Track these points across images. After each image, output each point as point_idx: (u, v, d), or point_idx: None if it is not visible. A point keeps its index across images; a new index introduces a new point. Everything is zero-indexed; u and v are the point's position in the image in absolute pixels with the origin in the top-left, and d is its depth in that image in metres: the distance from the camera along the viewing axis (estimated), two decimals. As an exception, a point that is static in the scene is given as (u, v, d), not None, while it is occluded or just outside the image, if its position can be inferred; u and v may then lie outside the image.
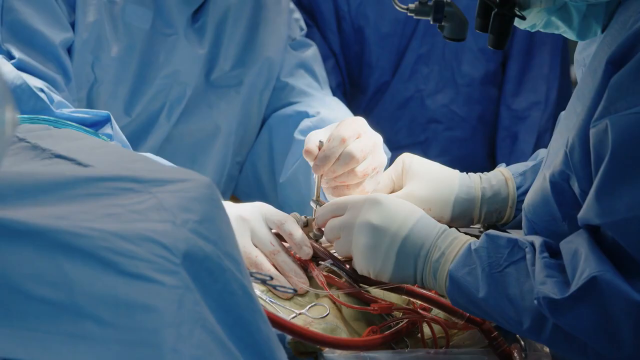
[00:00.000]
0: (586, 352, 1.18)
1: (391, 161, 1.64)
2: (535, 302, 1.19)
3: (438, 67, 2.65)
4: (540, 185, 1.31)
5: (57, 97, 1.62)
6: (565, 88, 2.78)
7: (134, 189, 0.92)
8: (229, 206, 1.44)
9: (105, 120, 1.60)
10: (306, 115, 1.99)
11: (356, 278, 1.41)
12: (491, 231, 1.29)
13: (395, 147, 2.27)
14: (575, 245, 1.19)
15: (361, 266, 1.38)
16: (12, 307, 0.81)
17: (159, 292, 0.85)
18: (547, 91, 2.73)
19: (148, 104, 1.87)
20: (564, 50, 2.75)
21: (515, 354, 1.34)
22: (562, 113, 1.44)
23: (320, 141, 1.50)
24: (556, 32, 1.35)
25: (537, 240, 1.25)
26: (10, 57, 1.65)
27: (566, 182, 1.25)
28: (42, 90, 1.60)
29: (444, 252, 1.31)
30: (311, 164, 1.50)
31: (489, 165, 2.77)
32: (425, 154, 1.69)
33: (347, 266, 1.41)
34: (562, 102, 2.73)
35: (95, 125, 1.59)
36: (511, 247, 1.26)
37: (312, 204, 1.53)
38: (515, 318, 1.22)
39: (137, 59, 1.84)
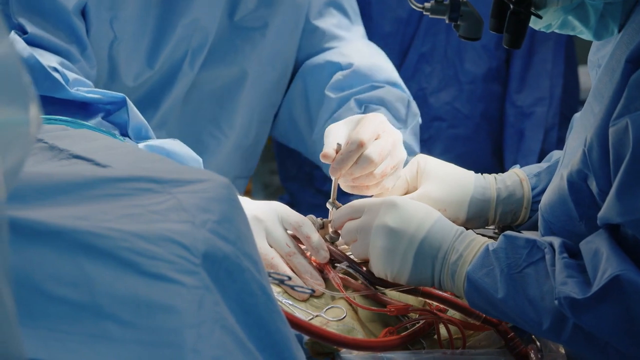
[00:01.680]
0: (607, 352, 1.18)
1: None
2: (556, 302, 1.18)
3: (440, 66, 2.66)
4: (557, 184, 1.30)
5: (72, 75, 1.60)
6: (570, 84, 2.78)
7: (153, 190, 0.92)
8: (244, 204, 1.44)
9: (121, 102, 1.58)
10: (339, 67, 1.95)
11: (372, 280, 1.41)
12: (509, 232, 1.29)
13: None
14: (596, 245, 1.19)
15: (378, 269, 1.38)
16: (34, 307, 0.81)
17: (179, 292, 0.85)
18: (551, 87, 2.73)
19: (170, 54, 1.84)
20: (569, 47, 2.75)
21: (532, 355, 1.34)
22: (577, 114, 1.44)
23: (338, 144, 1.50)
24: (572, 33, 1.34)
25: (556, 241, 1.25)
26: (23, 31, 1.63)
27: (584, 182, 1.25)
28: (56, 70, 1.58)
29: (461, 254, 1.30)
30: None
31: (494, 163, 2.78)
32: (429, 152, 1.69)
33: (364, 268, 1.41)
34: (567, 99, 2.73)
35: (111, 104, 1.58)
36: (530, 247, 1.25)
37: (329, 206, 1.52)
38: (535, 319, 1.22)
39: (155, 10, 1.80)
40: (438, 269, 1.33)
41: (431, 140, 2.68)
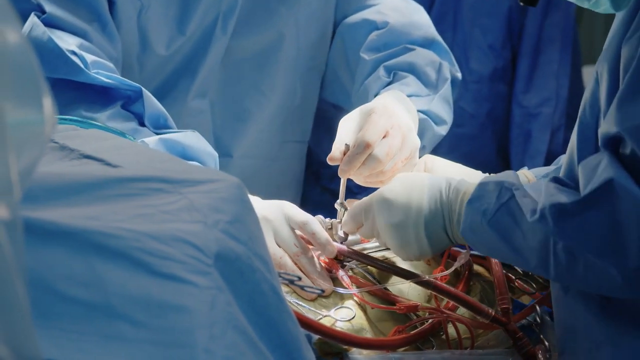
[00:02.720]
0: (587, 280, 1.17)
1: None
2: (537, 216, 1.17)
3: (446, 64, 2.66)
4: (568, 147, 1.29)
5: (90, 57, 1.58)
6: (576, 85, 2.78)
7: (165, 190, 0.92)
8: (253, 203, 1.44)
9: (138, 93, 1.58)
10: (375, 26, 1.92)
11: (387, 270, 1.42)
12: (483, 179, 1.30)
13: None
14: (596, 161, 1.16)
15: (404, 258, 1.40)
16: (46, 307, 0.81)
17: (191, 292, 0.85)
18: (557, 88, 2.74)
19: (201, 19, 1.80)
20: (575, 48, 2.76)
21: (540, 355, 1.34)
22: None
23: (346, 145, 1.50)
24: (586, 4, 1.31)
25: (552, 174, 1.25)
26: (41, 10, 1.60)
27: (594, 126, 1.22)
28: (74, 53, 1.56)
29: (459, 212, 1.32)
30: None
31: (499, 162, 2.78)
32: (434, 151, 1.69)
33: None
34: (573, 99, 2.73)
35: (131, 91, 1.57)
36: (499, 190, 1.25)
37: (337, 207, 1.52)
38: (522, 258, 1.23)
39: None
40: (451, 234, 1.35)
41: (435, 138, 2.68)
